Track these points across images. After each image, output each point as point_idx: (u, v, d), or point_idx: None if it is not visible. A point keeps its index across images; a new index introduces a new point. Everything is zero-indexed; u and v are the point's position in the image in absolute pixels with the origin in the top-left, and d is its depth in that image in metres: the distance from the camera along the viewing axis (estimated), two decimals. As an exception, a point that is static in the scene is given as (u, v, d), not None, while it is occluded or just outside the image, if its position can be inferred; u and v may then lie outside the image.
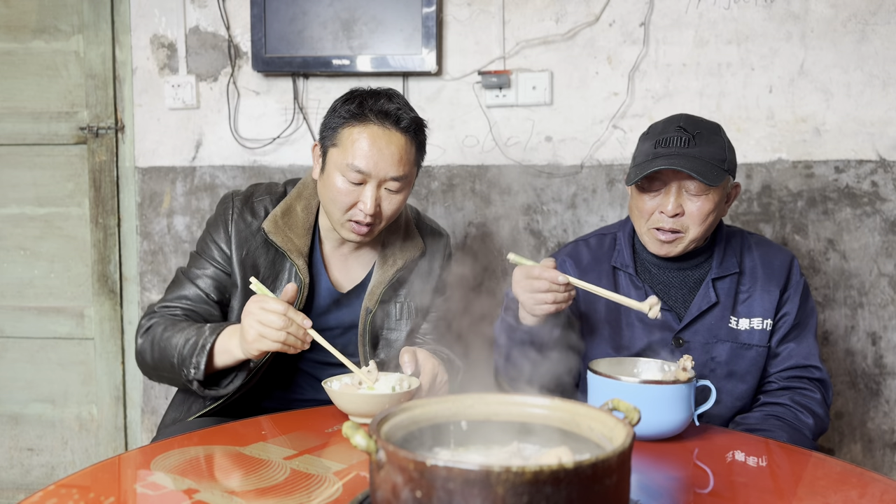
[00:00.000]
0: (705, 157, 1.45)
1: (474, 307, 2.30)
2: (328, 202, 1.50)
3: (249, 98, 2.41)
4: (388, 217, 1.50)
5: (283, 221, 1.55)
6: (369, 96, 1.47)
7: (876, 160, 2.16)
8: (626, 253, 1.61)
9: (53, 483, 0.99)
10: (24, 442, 2.63)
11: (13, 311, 2.58)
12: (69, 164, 2.52)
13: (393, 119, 1.45)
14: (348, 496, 0.96)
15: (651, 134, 1.55)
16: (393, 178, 1.45)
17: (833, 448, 2.24)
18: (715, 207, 1.49)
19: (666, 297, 1.58)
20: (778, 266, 1.59)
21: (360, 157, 1.43)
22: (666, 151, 1.47)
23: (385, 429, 0.80)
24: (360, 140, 1.43)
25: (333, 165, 1.46)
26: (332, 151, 1.47)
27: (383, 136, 1.44)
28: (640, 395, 1.19)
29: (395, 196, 1.48)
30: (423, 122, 1.52)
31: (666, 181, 1.49)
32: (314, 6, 2.27)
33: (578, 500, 0.67)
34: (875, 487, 1.04)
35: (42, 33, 2.49)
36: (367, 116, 1.44)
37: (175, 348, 1.40)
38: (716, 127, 1.53)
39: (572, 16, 2.26)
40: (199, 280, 1.54)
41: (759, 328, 1.55)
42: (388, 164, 1.44)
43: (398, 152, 1.45)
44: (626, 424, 0.78)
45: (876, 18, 2.14)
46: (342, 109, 1.47)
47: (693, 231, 1.50)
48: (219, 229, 1.57)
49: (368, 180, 1.45)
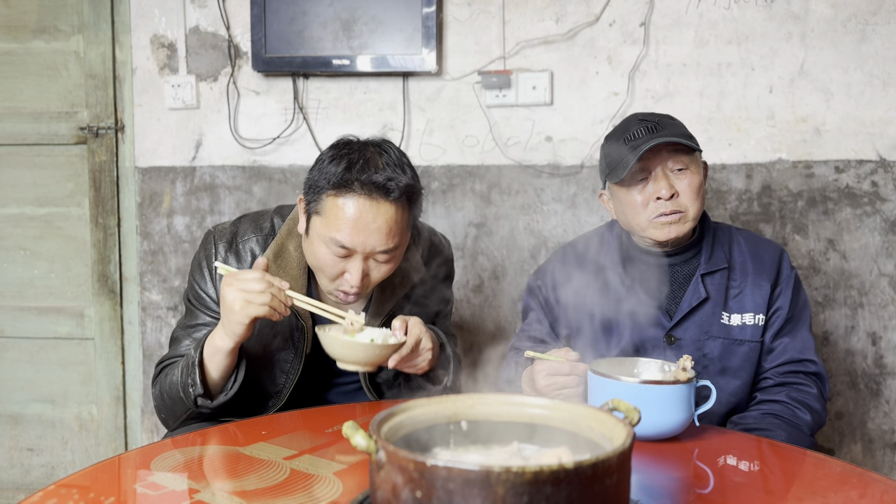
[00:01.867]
0: (675, 134, 1.51)
1: (474, 308, 2.30)
2: (314, 268, 1.44)
3: (249, 98, 2.41)
4: (377, 281, 1.43)
5: (276, 265, 1.45)
6: (357, 159, 1.33)
7: (876, 160, 2.16)
8: (613, 252, 1.63)
9: (53, 483, 0.99)
10: (24, 442, 2.63)
11: (13, 311, 2.58)
12: (69, 164, 2.52)
13: (382, 190, 1.31)
14: (348, 496, 0.96)
15: (613, 137, 1.59)
16: (381, 251, 1.35)
17: (833, 448, 2.24)
18: (701, 181, 1.54)
19: (656, 294, 1.60)
20: (768, 260, 1.59)
21: (344, 233, 1.32)
22: (641, 140, 1.51)
23: (385, 429, 0.80)
24: (345, 213, 1.31)
25: (317, 235, 1.36)
26: (316, 220, 1.37)
27: (370, 208, 1.31)
28: (640, 395, 1.19)
29: (383, 266, 1.39)
30: (417, 186, 1.38)
31: (650, 168, 1.52)
32: (314, 6, 2.27)
33: (578, 500, 0.67)
34: (875, 487, 1.04)
35: (42, 33, 2.49)
36: (352, 186, 1.31)
37: (176, 383, 1.39)
38: (669, 115, 1.60)
39: (572, 16, 2.26)
40: (199, 332, 1.48)
41: (751, 323, 1.55)
42: (375, 239, 1.33)
43: (387, 225, 1.33)
44: (626, 424, 0.79)
45: (876, 18, 2.14)
46: (327, 171, 1.34)
47: (692, 208, 1.53)
48: (204, 276, 1.50)
49: (354, 254, 1.35)
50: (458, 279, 2.33)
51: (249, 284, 1.28)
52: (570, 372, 1.35)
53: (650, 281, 1.61)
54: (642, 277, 1.61)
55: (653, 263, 1.60)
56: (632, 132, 1.53)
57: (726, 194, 2.23)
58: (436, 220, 2.32)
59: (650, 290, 1.60)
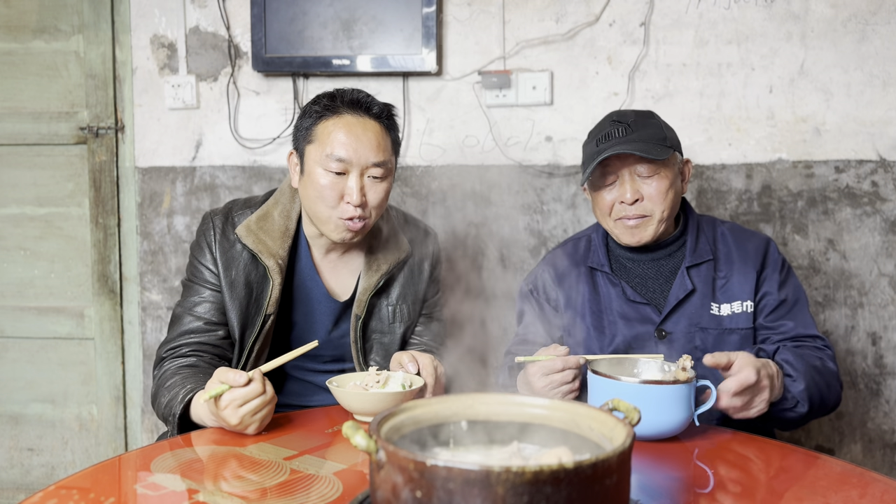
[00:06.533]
0: (645, 139, 1.51)
1: (474, 308, 2.30)
2: (313, 203, 1.48)
3: (249, 98, 2.41)
4: (375, 207, 1.49)
5: (256, 226, 1.54)
6: (337, 92, 1.51)
7: (876, 160, 2.16)
8: (600, 253, 1.65)
9: (53, 483, 0.99)
10: (24, 442, 2.63)
11: (13, 311, 2.58)
12: (69, 164, 2.52)
13: (364, 107, 1.49)
14: (348, 496, 0.96)
15: (589, 136, 1.62)
16: (374, 163, 1.46)
17: (833, 448, 2.24)
18: (671, 185, 1.53)
19: (644, 290, 1.61)
20: (752, 249, 1.60)
21: (339, 147, 1.45)
22: (608, 144, 1.53)
23: (385, 429, 0.80)
24: (337, 130, 1.46)
25: (313, 162, 1.47)
26: (310, 149, 1.48)
27: (358, 123, 1.47)
28: (640, 395, 1.19)
29: (379, 184, 1.49)
30: (394, 110, 1.55)
31: (617, 171, 1.53)
32: (314, 6, 2.27)
33: (578, 500, 0.67)
34: (875, 487, 1.04)
35: (42, 33, 2.49)
36: (339, 108, 1.47)
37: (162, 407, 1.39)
38: (649, 112, 1.60)
39: (572, 16, 2.25)
40: (198, 308, 1.52)
41: (739, 311, 1.55)
42: (367, 149, 1.46)
43: (375, 138, 1.47)
44: (626, 424, 0.79)
45: (876, 18, 2.14)
46: (312, 109, 1.50)
47: (657, 212, 1.53)
48: (203, 252, 1.55)
49: (351, 169, 1.46)
50: (458, 279, 2.33)
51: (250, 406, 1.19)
52: (564, 367, 1.35)
53: (637, 278, 1.62)
54: (629, 275, 1.63)
55: (638, 260, 1.62)
56: (605, 132, 1.55)
57: (726, 194, 2.23)
58: (436, 220, 2.32)
59: (637, 286, 1.61)
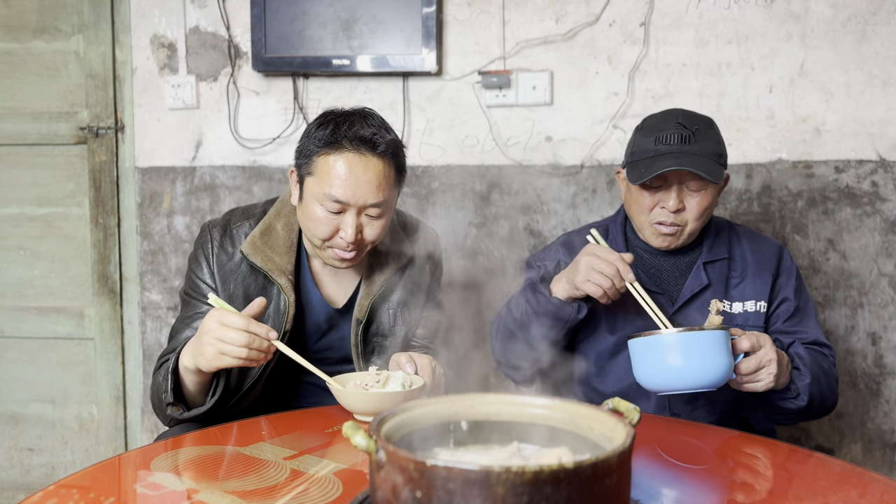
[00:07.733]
0: (705, 154, 1.50)
1: (474, 308, 2.30)
2: (308, 231, 1.46)
3: (249, 98, 2.41)
4: (371, 242, 1.46)
5: (262, 241, 1.50)
6: (343, 121, 1.41)
7: (876, 160, 2.16)
8: (618, 241, 1.65)
9: (53, 483, 0.99)
10: (24, 442, 2.63)
11: (13, 311, 2.58)
12: (69, 164, 2.52)
13: (369, 144, 1.39)
14: (348, 496, 0.96)
15: (647, 129, 1.57)
16: (372, 204, 1.40)
17: (833, 448, 2.24)
18: (712, 201, 1.54)
19: (658, 281, 1.61)
20: (767, 253, 1.62)
21: (337, 187, 1.38)
22: (667, 149, 1.50)
23: (385, 429, 0.80)
24: (336, 169, 1.38)
25: (311, 195, 1.42)
26: (309, 181, 1.42)
27: (360, 162, 1.38)
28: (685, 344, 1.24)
29: (376, 222, 1.44)
30: (401, 144, 1.47)
31: (669, 178, 1.51)
32: (314, 6, 2.27)
33: (578, 500, 0.67)
34: (875, 487, 1.04)
35: (42, 33, 2.49)
36: (341, 143, 1.38)
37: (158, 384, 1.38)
38: (709, 121, 1.57)
39: (572, 16, 2.25)
40: (197, 322, 1.48)
41: (752, 310, 1.57)
42: (366, 191, 1.39)
43: (376, 178, 1.39)
44: (627, 424, 0.79)
45: (876, 18, 2.14)
46: (316, 136, 1.41)
47: (691, 225, 1.54)
48: (201, 265, 1.52)
49: (348, 209, 1.40)
50: (458, 279, 2.33)
51: (230, 334, 1.24)
52: (613, 260, 1.40)
53: (652, 269, 1.63)
54: (645, 265, 1.63)
55: (655, 253, 1.63)
56: (666, 133, 1.51)
57: (726, 194, 2.23)
58: (436, 220, 2.32)
59: (653, 277, 1.62)
